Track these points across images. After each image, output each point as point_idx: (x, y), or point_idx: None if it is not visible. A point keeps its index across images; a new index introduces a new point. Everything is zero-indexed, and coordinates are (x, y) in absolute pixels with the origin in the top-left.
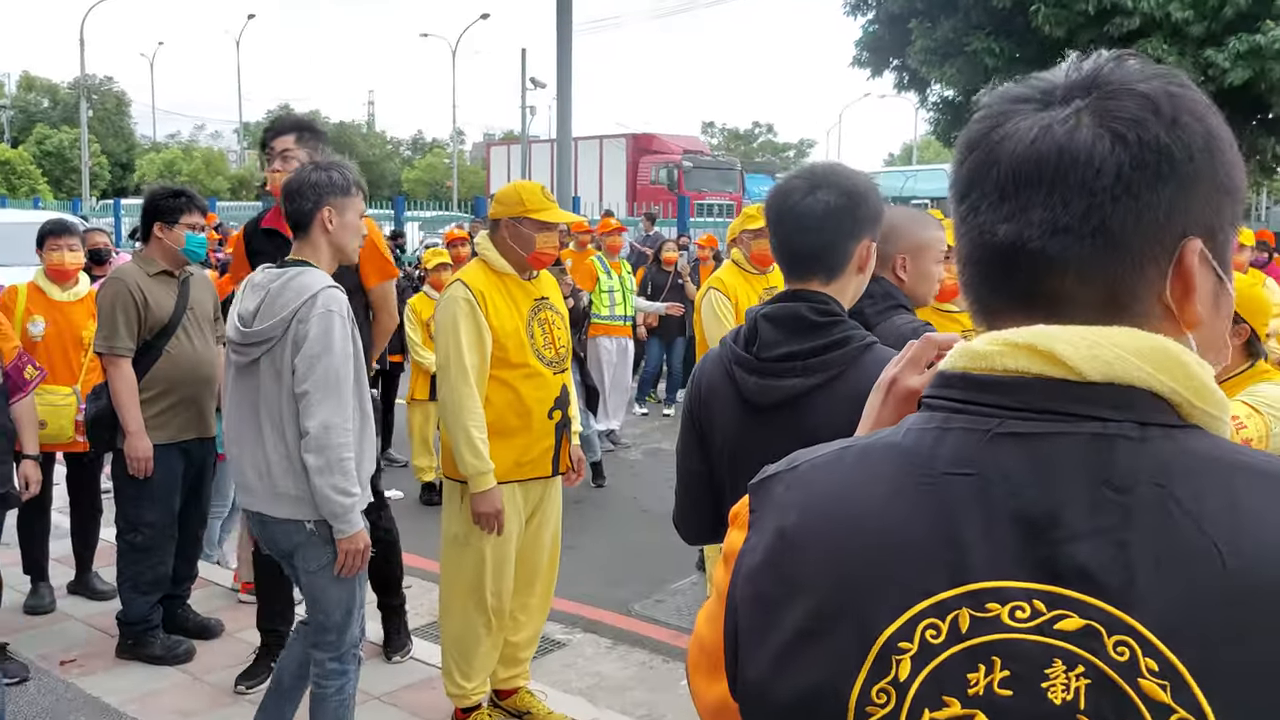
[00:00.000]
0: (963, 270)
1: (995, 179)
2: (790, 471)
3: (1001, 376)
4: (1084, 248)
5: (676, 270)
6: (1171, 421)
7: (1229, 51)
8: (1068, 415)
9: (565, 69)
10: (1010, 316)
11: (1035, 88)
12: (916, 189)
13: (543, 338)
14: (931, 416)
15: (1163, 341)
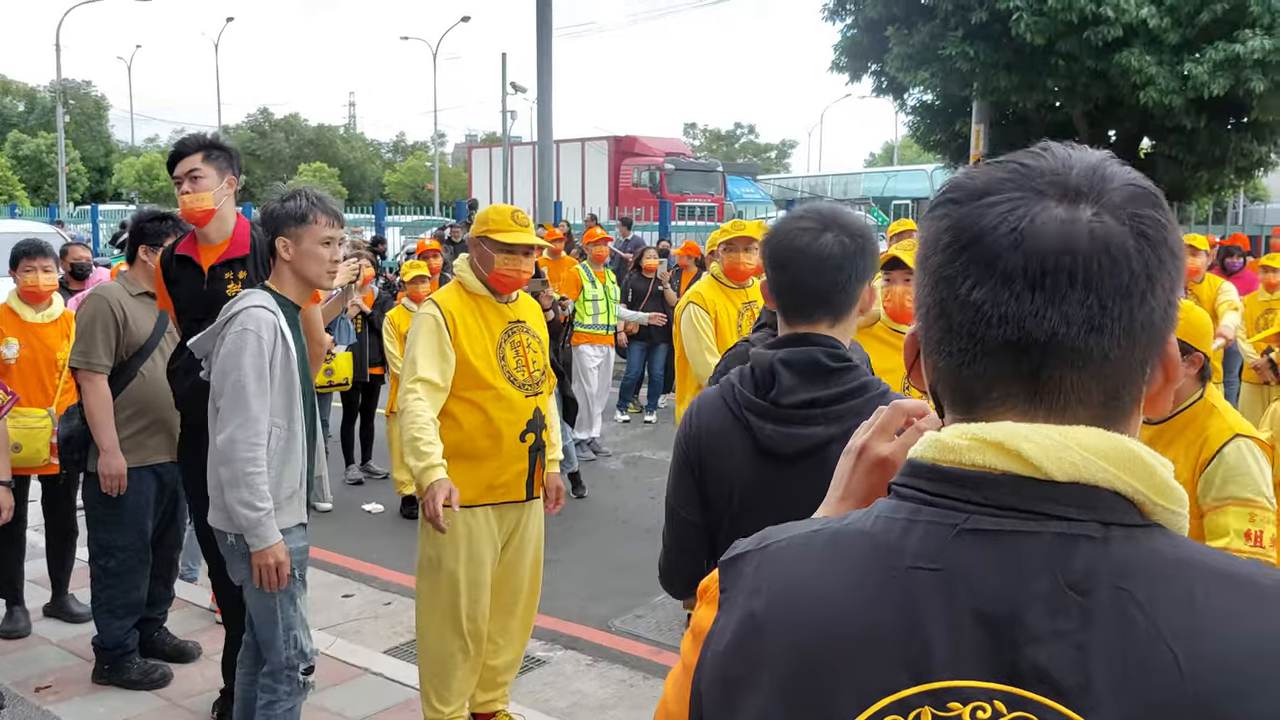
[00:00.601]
0: (958, 356)
1: (1023, 270)
2: (761, 551)
3: (970, 471)
4: (1112, 344)
5: (657, 277)
6: (1134, 521)
7: (1207, 61)
8: (1033, 514)
9: (545, 74)
10: (1007, 406)
11: (1042, 177)
12: (898, 189)
13: (515, 360)
14: (900, 506)
15: (1126, 443)
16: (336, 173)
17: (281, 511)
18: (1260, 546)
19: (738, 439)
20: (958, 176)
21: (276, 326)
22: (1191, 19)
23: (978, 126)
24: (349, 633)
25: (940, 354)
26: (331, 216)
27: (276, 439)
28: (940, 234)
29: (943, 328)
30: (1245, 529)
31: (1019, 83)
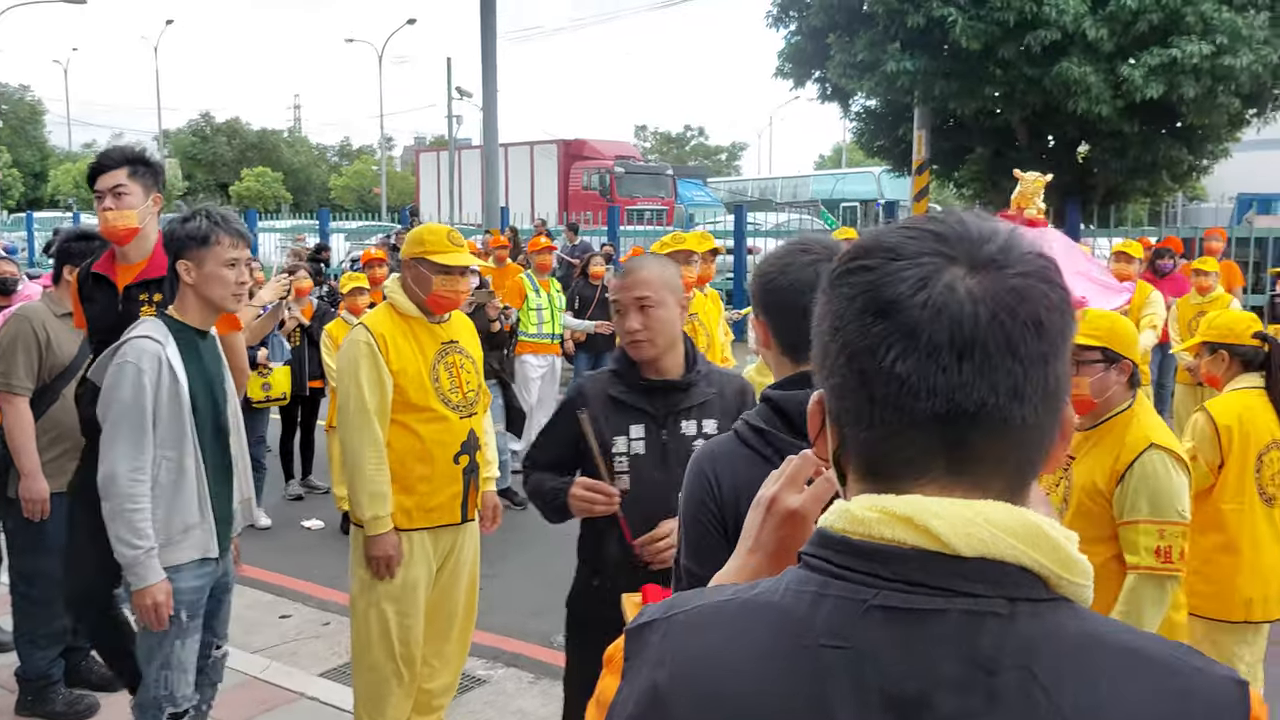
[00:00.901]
0: (882, 429)
1: (949, 341)
2: (667, 620)
3: (879, 545)
4: (1030, 410)
5: (604, 284)
6: (1040, 595)
7: (1142, 66)
8: (941, 590)
9: (490, 78)
10: (928, 479)
11: (954, 245)
12: (846, 191)
13: (449, 381)
14: (810, 578)
15: (1033, 518)
16: (280, 177)
17: (174, 547)
18: (1170, 562)
19: None
20: (865, 242)
21: (161, 357)
22: (1127, 28)
23: (919, 132)
24: (285, 655)
25: (860, 425)
26: (235, 237)
27: (166, 472)
28: (854, 301)
29: (863, 399)
30: (1155, 546)
31: (958, 90)
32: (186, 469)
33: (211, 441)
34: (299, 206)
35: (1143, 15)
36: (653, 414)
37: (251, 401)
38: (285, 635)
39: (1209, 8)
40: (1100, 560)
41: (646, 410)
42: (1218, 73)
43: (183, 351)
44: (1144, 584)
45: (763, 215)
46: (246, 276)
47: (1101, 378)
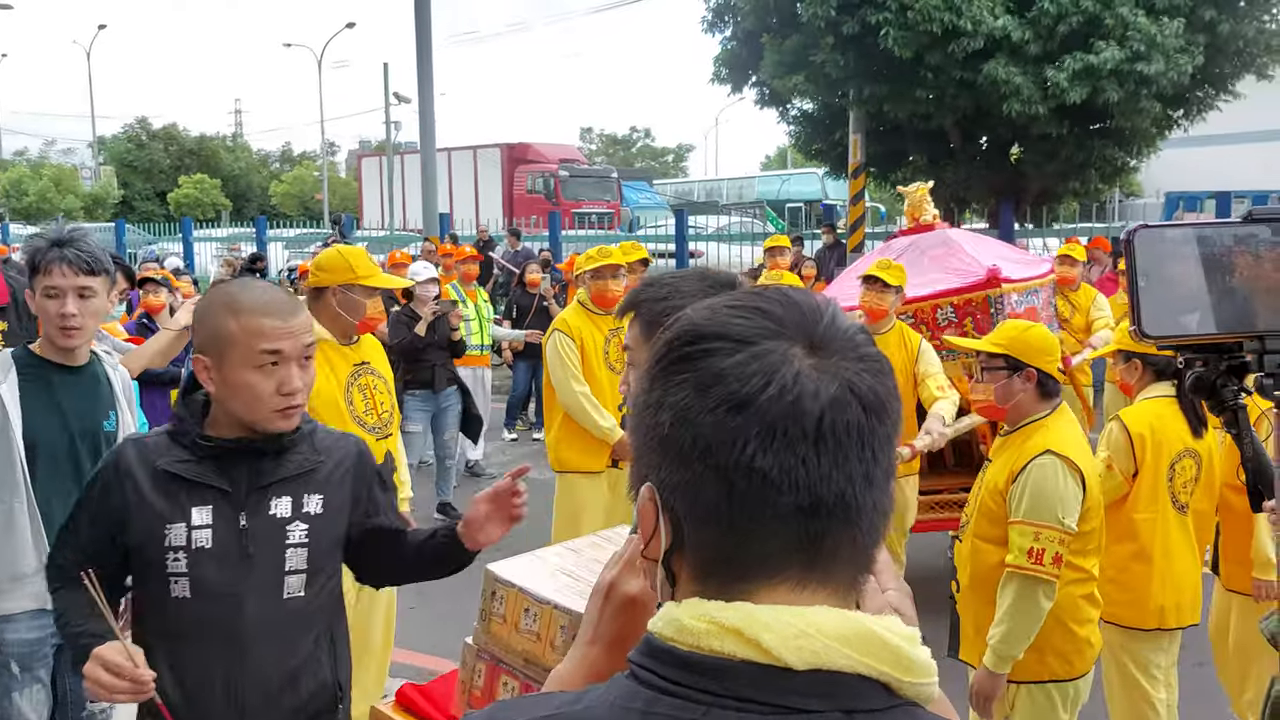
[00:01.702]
0: (743, 525)
1: (803, 433)
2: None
3: (708, 658)
4: (879, 495)
5: (541, 293)
6: (879, 705)
7: (1066, 70)
8: (774, 707)
9: (427, 83)
10: (787, 578)
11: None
12: (791, 192)
13: (363, 404)
14: (637, 693)
15: (867, 624)
16: (219, 184)
17: (4, 596)
18: (1040, 565)
19: None
20: (700, 326)
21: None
22: (1051, 31)
23: (854, 136)
24: None
25: (710, 523)
26: (65, 263)
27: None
28: (700, 392)
29: (720, 495)
30: (1029, 547)
31: (890, 93)
32: (15, 513)
33: (68, 483)
34: (240, 214)
35: (1064, 19)
36: (226, 489)
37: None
38: None
39: (1126, 12)
40: (997, 560)
41: (215, 485)
42: (1134, 78)
43: (29, 386)
44: (1014, 582)
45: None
46: (70, 309)
47: (1005, 384)
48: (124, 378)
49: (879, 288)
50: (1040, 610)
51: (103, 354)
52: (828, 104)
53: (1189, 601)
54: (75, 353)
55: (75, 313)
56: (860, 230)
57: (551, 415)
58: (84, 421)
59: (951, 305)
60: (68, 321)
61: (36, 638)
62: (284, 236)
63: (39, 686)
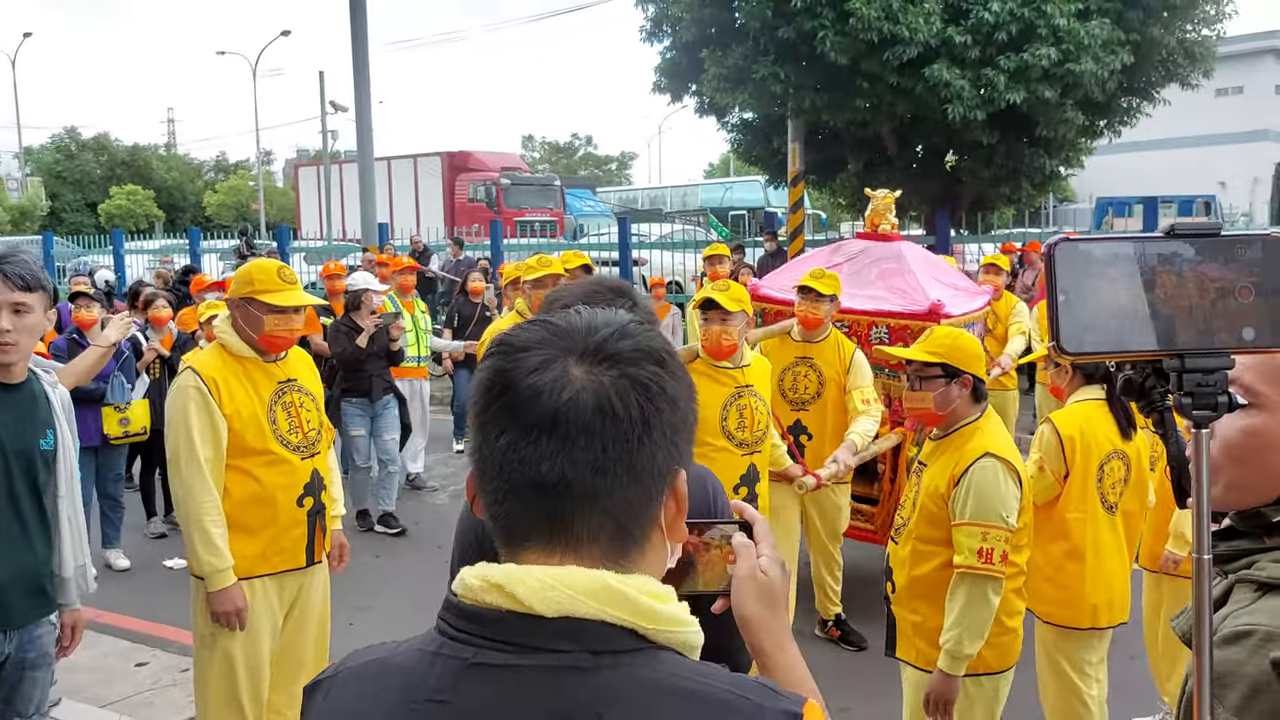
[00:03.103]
0: (491, 495)
1: (537, 420)
2: (333, 678)
3: (481, 609)
4: (615, 483)
5: (484, 302)
6: (627, 647)
7: (1003, 71)
8: (529, 648)
9: (364, 91)
10: (532, 543)
11: (569, 338)
12: (735, 199)
13: (287, 422)
14: (433, 638)
15: (608, 580)
16: (151, 195)
17: None
18: (991, 564)
19: None
20: (507, 333)
21: None
22: (989, 37)
23: (793, 145)
24: (139, 706)
25: (481, 491)
26: (3, 277)
27: None
28: (481, 384)
29: (481, 468)
30: (979, 548)
31: (828, 102)
32: None
33: (4, 503)
34: (173, 225)
35: (1001, 26)
36: None
37: (109, 438)
38: (140, 685)
39: (1060, 20)
40: (939, 561)
41: None
42: (1066, 79)
43: None
44: (966, 583)
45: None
46: (7, 324)
47: (943, 392)
48: (63, 396)
49: (813, 297)
50: (991, 608)
51: (41, 372)
52: (765, 113)
53: (1119, 600)
54: (10, 370)
55: (9, 328)
56: (800, 237)
57: None
58: (18, 441)
59: (887, 326)
60: (2, 338)
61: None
62: (219, 248)
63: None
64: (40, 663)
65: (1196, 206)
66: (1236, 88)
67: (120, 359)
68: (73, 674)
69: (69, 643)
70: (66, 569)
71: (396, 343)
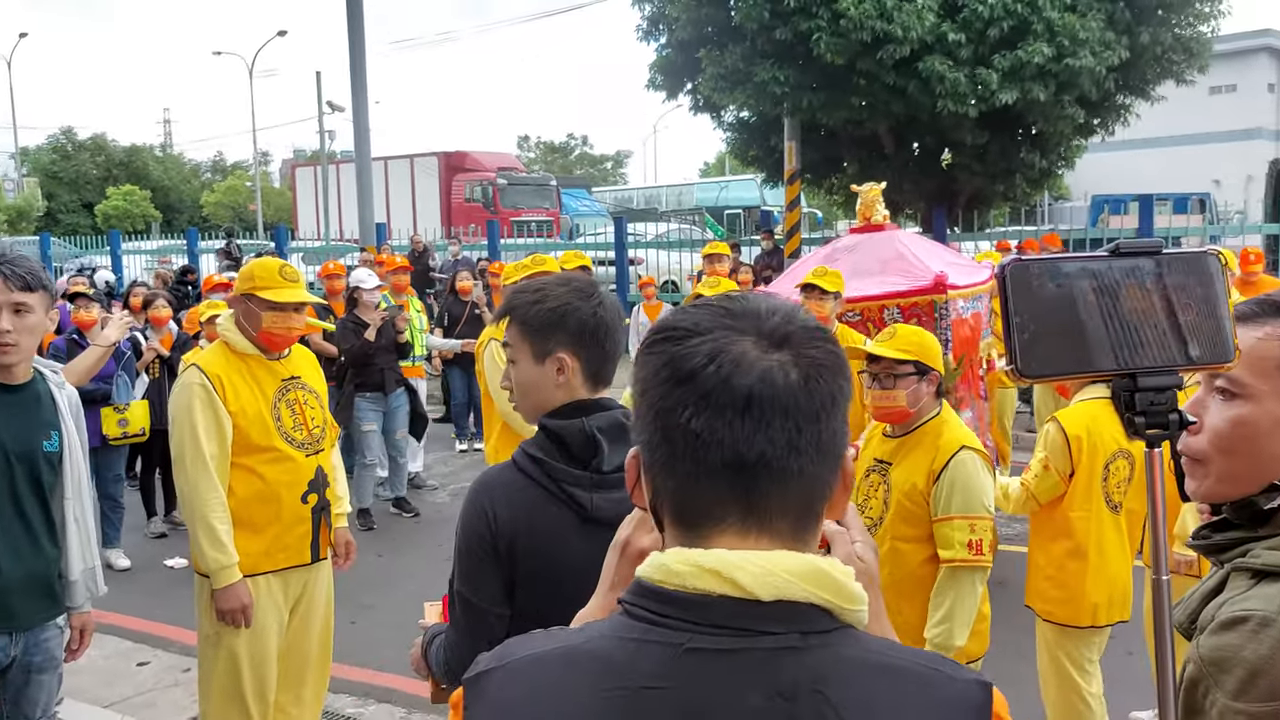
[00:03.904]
0: (683, 478)
1: (731, 401)
2: (503, 668)
3: (690, 595)
4: (806, 461)
5: (473, 300)
6: (826, 627)
7: (996, 70)
8: (746, 631)
9: (360, 92)
10: (727, 526)
11: (742, 321)
12: (730, 198)
13: (292, 420)
14: (632, 626)
15: (818, 562)
16: (148, 195)
17: None
18: (980, 554)
19: (559, 515)
20: (670, 318)
21: None
22: (982, 35)
23: (789, 144)
24: (140, 707)
25: (666, 475)
26: (3, 278)
27: None
28: (658, 370)
29: (667, 453)
30: (968, 540)
31: (825, 101)
32: None
33: (4, 505)
34: (170, 226)
35: (995, 23)
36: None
37: (107, 439)
38: (142, 685)
39: (1054, 16)
40: (921, 558)
41: None
42: (1062, 76)
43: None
44: (958, 576)
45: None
46: (7, 324)
47: (915, 389)
48: (71, 397)
49: (817, 295)
50: (978, 597)
51: (49, 373)
52: (763, 113)
53: (1120, 598)
54: (13, 370)
55: (9, 329)
56: (797, 236)
57: (490, 425)
58: (20, 443)
59: (898, 307)
60: (2, 338)
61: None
62: (216, 248)
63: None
64: (46, 666)
65: (1191, 204)
66: (1230, 86)
67: (121, 359)
68: (74, 675)
69: (78, 646)
70: (74, 571)
71: (403, 334)
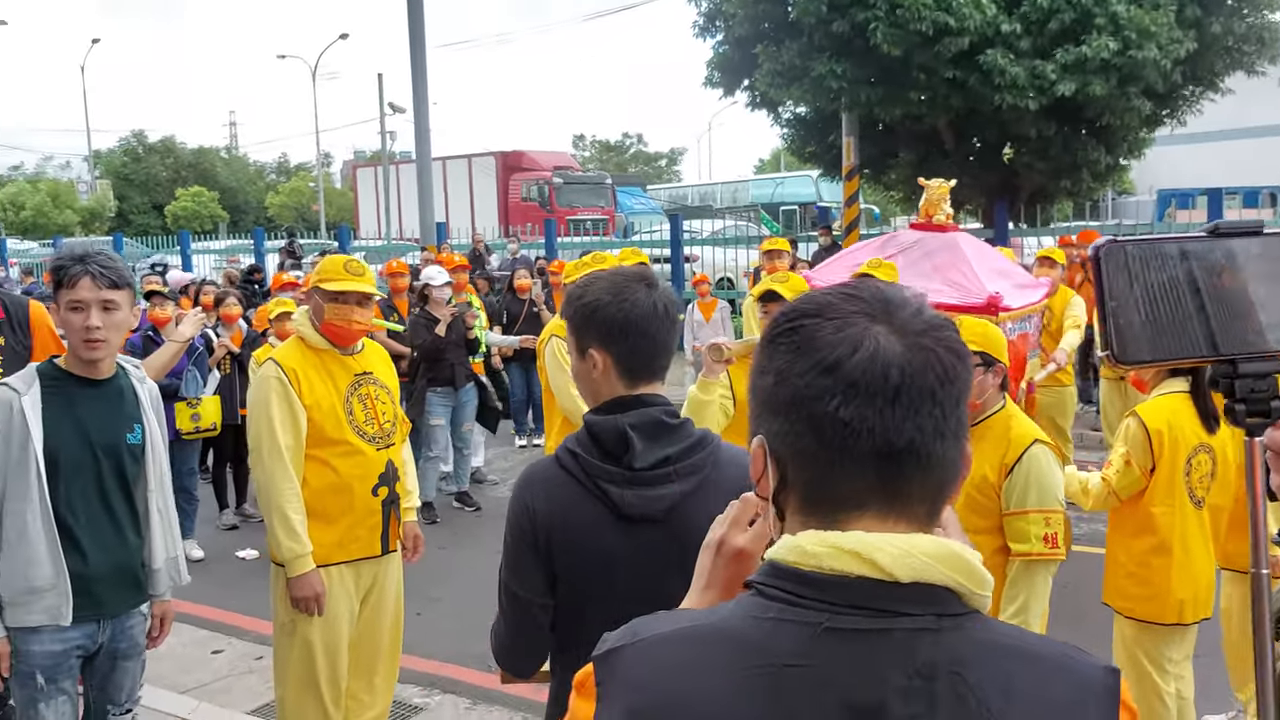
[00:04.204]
0: (826, 466)
1: (881, 389)
2: (634, 645)
3: (828, 576)
4: (947, 447)
5: (531, 298)
6: (958, 610)
7: (1056, 64)
8: (885, 613)
9: (421, 93)
10: (869, 511)
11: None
12: (786, 195)
13: (363, 413)
14: (767, 606)
15: (953, 546)
16: (216, 196)
17: (18, 609)
18: (1055, 547)
19: (594, 510)
20: (803, 305)
21: (13, 406)
22: (1042, 27)
23: (848, 139)
24: (216, 693)
25: (805, 463)
26: (90, 276)
27: (10, 528)
28: (797, 358)
29: (811, 441)
30: (1043, 534)
31: (883, 96)
32: (29, 525)
33: (91, 497)
34: (236, 226)
35: (1055, 15)
36: None
37: (181, 433)
38: (217, 672)
39: (1120, 9)
40: (990, 549)
41: None
42: (1125, 69)
43: (51, 400)
44: (1033, 570)
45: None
46: (97, 321)
47: (981, 380)
48: (152, 390)
49: None
50: (1049, 589)
51: (130, 367)
52: (819, 108)
53: (1204, 595)
54: (99, 365)
55: (99, 325)
56: (855, 232)
57: (551, 420)
58: (105, 435)
59: None
60: (92, 334)
61: (61, 649)
62: (278, 248)
63: (64, 698)
64: (132, 653)
65: (1262, 197)
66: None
67: (194, 355)
68: (154, 661)
69: (158, 633)
70: (157, 560)
71: (472, 330)
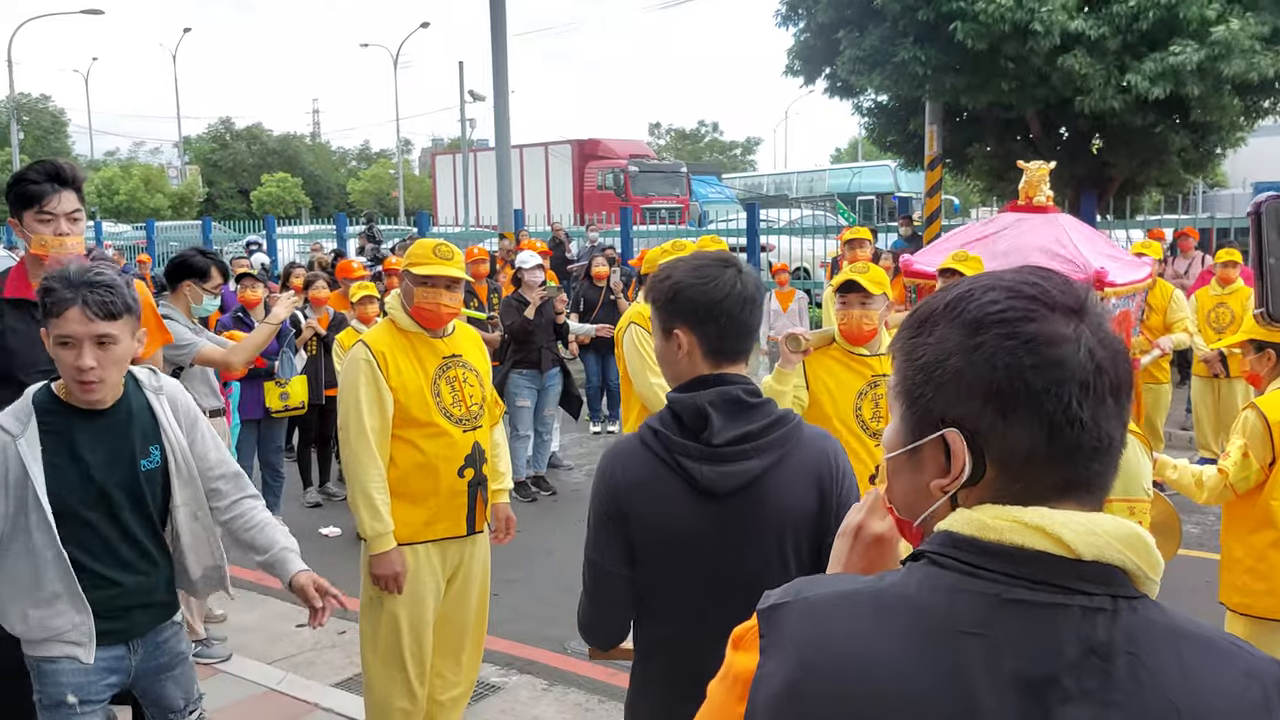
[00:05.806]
0: (1041, 459)
1: (1105, 387)
2: (800, 602)
3: (1009, 548)
4: (1123, 436)
5: (609, 285)
6: (1131, 593)
7: (1145, 72)
8: (1064, 589)
9: (502, 81)
10: (1054, 493)
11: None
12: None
13: (451, 396)
14: (943, 575)
15: (1133, 527)
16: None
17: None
18: None
19: (672, 484)
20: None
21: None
22: (1129, 26)
23: (931, 127)
24: (302, 665)
25: (1014, 455)
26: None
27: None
28: (1017, 349)
29: (1040, 436)
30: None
31: (968, 84)
32: (41, 571)
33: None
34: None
35: (1142, 15)
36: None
37: (270, 411)
38: (303, 645)
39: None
40: None
41: None
42: (1214, 74)
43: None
44: None
45: (774, 212)
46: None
47: None
48: (172, 398)
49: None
50: None
51: (144, 379)
52: (901, 96)
53: None
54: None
55: (93, 365)
56: (937, 223)
57: (628, 407)
58: (115, 472)
59: None
60: (85, 375)
61: (90, 666)
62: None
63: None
64: (175, 663)
65: None
66: None
67: (284, 337)
68: (242, 634)
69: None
70: (194, 572)
71: (561, 315)
